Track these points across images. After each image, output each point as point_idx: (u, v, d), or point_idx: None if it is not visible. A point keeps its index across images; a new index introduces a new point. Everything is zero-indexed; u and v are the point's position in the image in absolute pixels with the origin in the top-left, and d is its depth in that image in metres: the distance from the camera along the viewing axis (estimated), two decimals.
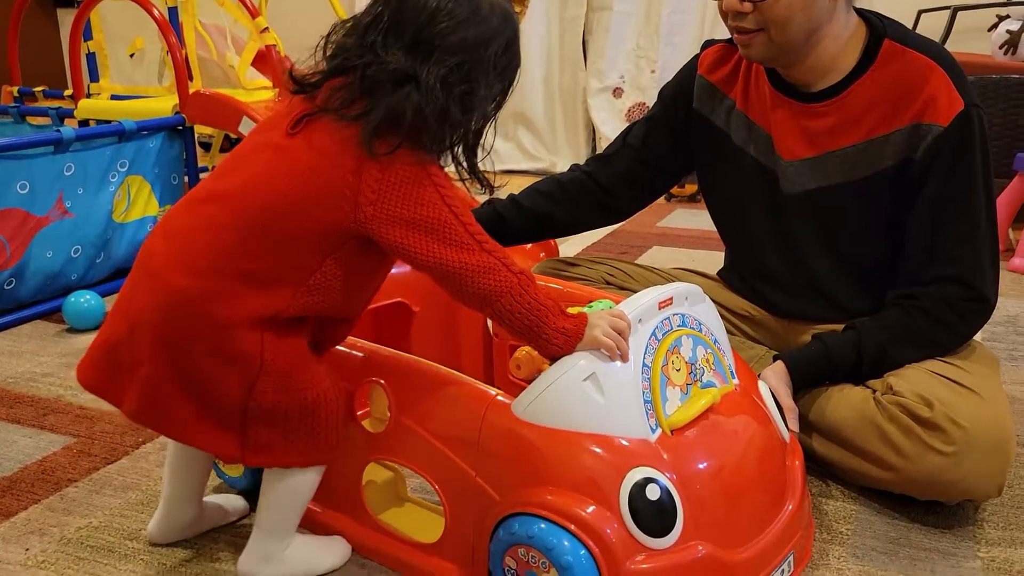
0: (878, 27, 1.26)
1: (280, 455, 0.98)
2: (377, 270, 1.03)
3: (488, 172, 1.00)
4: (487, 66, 0.94)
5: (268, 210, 0.93)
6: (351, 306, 1.03)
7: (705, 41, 1.47)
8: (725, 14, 1.25)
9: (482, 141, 0.99)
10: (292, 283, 0.95)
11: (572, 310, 0.98)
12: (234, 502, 1.19)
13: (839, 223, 1.31)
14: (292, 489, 1.02)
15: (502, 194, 1.25)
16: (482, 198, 1.11)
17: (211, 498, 1.17)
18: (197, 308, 0.92)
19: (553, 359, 0.98)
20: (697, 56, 1.45)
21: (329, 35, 0.96)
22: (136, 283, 0.97)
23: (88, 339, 1.84)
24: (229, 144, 3.36)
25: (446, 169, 0.98)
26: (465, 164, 0.98)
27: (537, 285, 0.96)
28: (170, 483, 1.10)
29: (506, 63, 0.97)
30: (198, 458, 1.08)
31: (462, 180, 0.99)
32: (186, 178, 2.37)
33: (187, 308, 0.92)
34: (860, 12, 1.28)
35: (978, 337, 1.29)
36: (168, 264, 0.94)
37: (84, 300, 1.92)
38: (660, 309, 1.02)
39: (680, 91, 1.46)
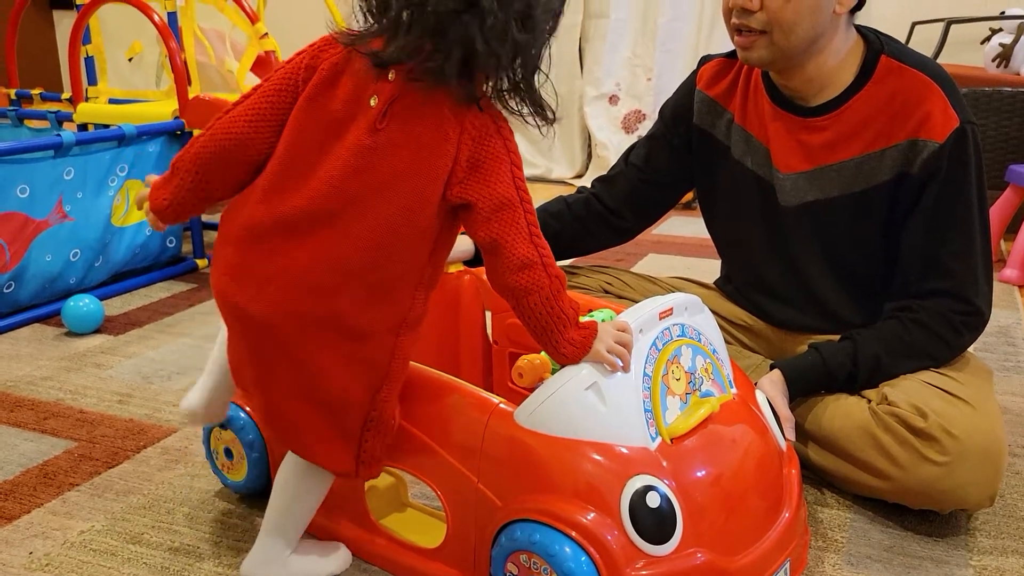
0: (875, 43, 1.28)
1: (381, 464, 1.02)
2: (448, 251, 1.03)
3: None
4: None
5: (388, 224, 0.92)
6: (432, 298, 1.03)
7: (702, 57, 1.48)
8: (729, 11, 1.25)
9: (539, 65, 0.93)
10: (410, 283, 0.96)
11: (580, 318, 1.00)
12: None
13: (835, 236, 1.33)
14: (308, 492, 1.04)
15: None
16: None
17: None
18: (330, 325, 0.93)
19: (555, 365, 1.00)
20: (695, 72, 1.46)
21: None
22: (253, 304, 0.94)
23: (88, 343, 1.87)
24: None
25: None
26: (526, 95, 0.92)
27: (565, 292, 0.96)
28: (217, 363, 1.09)
29: None
30: None
31: (522, 116, 0.94)
32: None
33: (319, 327, 0.93)
34: (858, 28, 1.30)
35: (971, 348, 1.31)
36: (290, 292, 0.93)
37: (83, 304, 1.92)
38: (661, 319, 1.04)
39: (680, 108, 1.47)
